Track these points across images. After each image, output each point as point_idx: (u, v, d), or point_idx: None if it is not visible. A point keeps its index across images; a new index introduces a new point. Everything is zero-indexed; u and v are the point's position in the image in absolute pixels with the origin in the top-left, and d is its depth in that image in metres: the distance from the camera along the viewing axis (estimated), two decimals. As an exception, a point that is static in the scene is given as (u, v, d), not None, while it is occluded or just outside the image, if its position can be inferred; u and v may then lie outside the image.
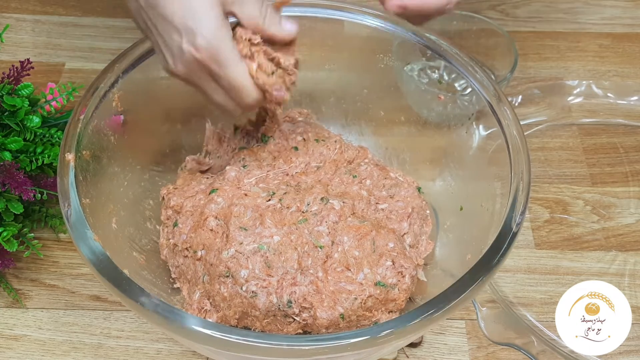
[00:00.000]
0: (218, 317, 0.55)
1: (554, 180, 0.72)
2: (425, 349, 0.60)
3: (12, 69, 0.65)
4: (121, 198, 0.58)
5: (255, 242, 0.54)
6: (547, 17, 0.88)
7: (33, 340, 0.60)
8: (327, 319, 0.53)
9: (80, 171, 0.51)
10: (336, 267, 0.54)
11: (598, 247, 0.67)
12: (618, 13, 0.88)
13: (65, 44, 0.83)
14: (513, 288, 0.64)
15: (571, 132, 0.76)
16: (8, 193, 0.59)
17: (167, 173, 0.64)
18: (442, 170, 0.62)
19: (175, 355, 0.59)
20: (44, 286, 0.63)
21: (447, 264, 0.59)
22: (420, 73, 0.72)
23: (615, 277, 0.65)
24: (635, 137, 0.76)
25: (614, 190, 0.71)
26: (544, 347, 0.57)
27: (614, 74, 0.82)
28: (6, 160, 0.60)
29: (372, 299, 0.54)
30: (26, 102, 0.63)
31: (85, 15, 0.86)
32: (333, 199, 0.58)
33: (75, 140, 0.52)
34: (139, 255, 0.56)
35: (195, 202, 0.58)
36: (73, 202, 0.49)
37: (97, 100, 0.55)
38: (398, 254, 0.56)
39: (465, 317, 0.62)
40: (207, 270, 0.55)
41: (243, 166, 0.60)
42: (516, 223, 0.49)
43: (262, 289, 0.53)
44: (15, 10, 0.86)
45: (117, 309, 0.62)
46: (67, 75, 0.79)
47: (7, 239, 0.58)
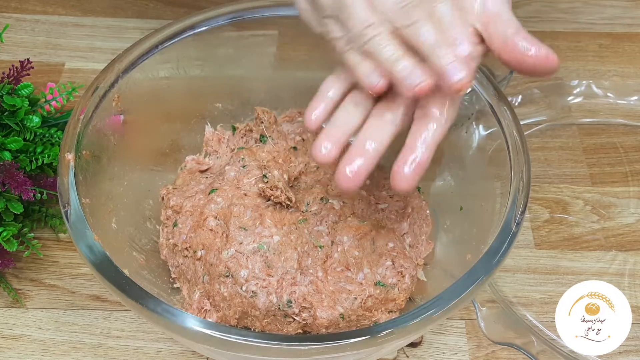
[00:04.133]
0: (218, 317, 0.55)
1: (554, 180, 0.72)
2: (425, 349, 0.60)
3: (12, 69, 0.65)
4: (121, 198, 0.58)
5: (255, 242, 0.54)
6: (547, 17, 0.88)
7: (33, 340, 0.60)
8: (327, 318, 0.53)
9: (80, 171, 0.51)
10: (336, 267, 0.55)
11: (598, 247, 0.67)
12: (618, 13, 0.88)
13: (65, 44, 0.83)
14: (513, 288, 0.64)
15: (571, 132, 0.76)
16: (8, 193, 0.59)
17: (167, 173, 0.64)
18: (442, 170, 0.62)
19: (175, 355, 0.59)
20: (44, 286, 0.63)
21: (447, 264, 0.59)
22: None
23: (615, 277, 0.65)
24: (635, 137, 0.76)
25: (613, 190, 0.71)
26: (544, 347, 0.57)
27: (614, 74, 0.82)
28: (6, 160, 0.60)
29: (372, 299, 0.54)
30: (26, 102, 0.63)
31: (85, 15, 0.86)
32: (333, 198, 0.58)
33: (75, 140, 0.52)
34: (139, 255, 0.56)
35: (195, 202, 0.58)
36: (73, 202, 0.49)
37: (97, 100, 0.55)
38: (398, 254, 0.56)
39: (465, 317, 0.62)
40: (207, 270, 0.55)
41: (242, 166, 0.60)
42: (516, 223, 0.49)
43: (262, 289, 0.53)
44: (15, 10, 0.86)
45: (117, 309, 0.62)
46: (67, 75, 0.79)
47: (7, 238, 0.58)
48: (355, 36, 0.45)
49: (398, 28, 0.44)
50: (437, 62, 0.43)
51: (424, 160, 0.46)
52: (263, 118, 0.64)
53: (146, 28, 0.84)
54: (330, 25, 0.47)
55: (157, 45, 0.58)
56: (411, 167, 0.45)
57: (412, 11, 0.44)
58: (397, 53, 0.44)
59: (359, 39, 0.45)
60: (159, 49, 0.58)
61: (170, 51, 0.59)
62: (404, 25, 0.44)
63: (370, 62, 0.45)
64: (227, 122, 0.66)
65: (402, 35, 0.44)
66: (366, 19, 0.45)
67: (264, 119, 0.64)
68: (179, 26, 0.59)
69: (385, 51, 0.44)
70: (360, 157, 0.46)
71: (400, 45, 0.45)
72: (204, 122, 0.65)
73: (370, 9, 0.45)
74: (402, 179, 0.45)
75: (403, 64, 0.44)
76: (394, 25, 0.44)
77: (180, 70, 0.62)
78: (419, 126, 0.46)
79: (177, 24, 0.59)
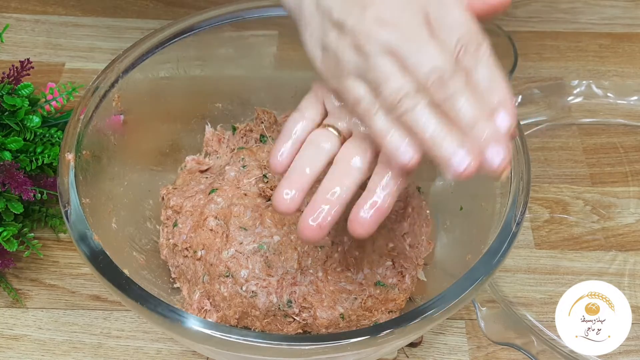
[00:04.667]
0: (218, 317, 0.55)
1: (554, 180, 0.72)
2: (425, 349, 0.60)
3: (12, 69, 0.65)
4: (121, 198, 0.58)
5: (255, 242, 0.54)
6: (547, 17, 0.88)
7: (33, 340, 0.60)
8: (327, 318, 0.53)
9: (80, 171, 0.51)
10: (336, 267, 0.55)
11: (598, 247, 0.67)
12: (618, 13, 0.88)
13: (65, 44, 0.83)
14: (513, 288, 0.64)
15: (571, 132, 0.76)
16: (8, 193, 0.59)
17: (167, 173, 0.64)
18: (442, 170, 0.62)
19: (175, 355, 0.59)
20: (44, 286, 0.63)
21: (447, 264, 0.59)
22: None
23: (615, 277, 0.65)
24: (635, 137, 0.76)
25: (613, 190, 0.71)
26: (544, 347, 0.57)
27: (614, 74, 0.82)
28: (6, 160, 0.60)
29: (372, 299, 0.54)
30: (26, 102, 0.63)
31: (85, 15, 0.86)
32: (333, 198, 0.58)
33: (75, 140, 0.52)
34: (139, 255, 0.56)
35: (195, 202, 0.58)
36: (73, 202, 0.49)
37: (97, 100, 0.55)
38: (398, 254, 0.56)
39: (465, 317, 0.62)
40: (207, 270, 0.55)
41: (242, 166, 0.60)
42: (516, 223, 0.49)
43: (262, 289, 0.53)
44: (15, 10, 0.86)
45: (117, 308, 0.62)
46: (67, 75, 0.79)
47: (7, 238, 0.58)
48: (389, 104, 0.40)
49: (436, 99, 0.40)
50: (478, 140, 0.40)
51: (385, 207, 0.43)
52: (263, 118, 0.64)
53: (146, 28, 0.84)
54: (352, 83, 0.42)
55: (157, 45, 0.58)
56: (370, 212, 0.43)
57: (449, 80, 0.40)
58: (442, 130, 0.40)
59: (393, 108, 0.40)
60: (159, 49, 0.58)
61: (170, 51, 0.59)
62: (441, 97, 0.40)
63: (402, 133, 0.41)
64: (227, 122, 0.66)
65: (439, 106, 0.40)
66: (402, 87, 0.40)
67: (264, 119, 0.64)
68: (179, 26, 0.59)
69: (428, 126, 0.40)
70: (324, 205, 0.43)
71: (442, 119, 0.40)
72: (204, 122, 0.65)
73: (403, 73, 0.40)
74: (360, 224, 0.43)
75: (448, 141, 0.40)
76: (432, 95, 0.40)
77: (180, 70, 0.62)
78: (382, 170, 0.43)
79: (177, 24, 0.59)
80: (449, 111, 0.40)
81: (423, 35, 0.40)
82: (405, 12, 0.40)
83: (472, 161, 0.40)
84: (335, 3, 0.41)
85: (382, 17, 0.40)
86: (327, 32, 0.42)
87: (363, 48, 0.40)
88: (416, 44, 0.40)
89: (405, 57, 0.40)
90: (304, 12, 0.43)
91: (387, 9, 0.40)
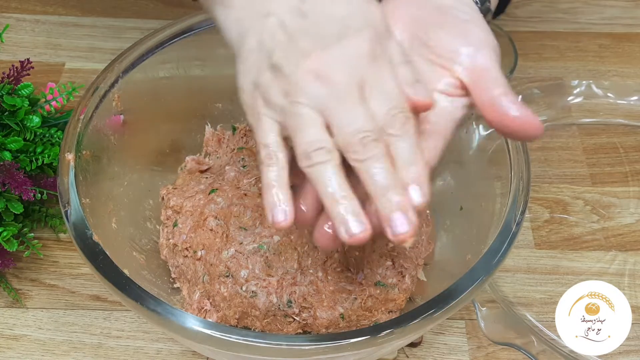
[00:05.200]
0: (218, 317, 0.55)
1: (554, 180, 0.72)
2: (425, 349, 0.60)
3: (12, 69, 0.65)
4: (121, 198, 0.58)
5: (255, 242, 0.54)
6: (547, 17, 0.88)
7: (33, 340, 0.60)
8: (327, 318, 0.53)
9: (80, 171, 0.51)
10: (336, 267, 0.55)
11: (598, 247, 0.67)
12: (618, 13, 0.88)
13: (65, 44, 0.83)
14: (513, 288, 0.64)
15: (571, 132, 0.76)
16: (8, 193, 0.59)
17: (167, 173, 0.64)
18: (442, 170, 0.62)
19: (175, 355, 0.59)
20: (44, 286, 0.63)
21: (447, 264, 0.59)
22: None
23: (615, 277, 0.65)
24: (635, 137, 0.76)
25: (613, 190, 0.71)
26: (544, 347, 0.57)
27: (614, 74, 0.82)
28: (6, 160, 0.60)
29: (372, 299, 0.54)
30: (26, 102, 0.63)
31: (85, 15, 0.86)
32: (333, 199, 0.58)
33: (75, 140, 0.52)
34: (139, 255, 0.56)
35: (195, 202, 0.58)
36: (73, 202, 0.49)
37: (97, 100, 0.55)
38: (398, 254, 0.56)
39: (465, 317, 0.62)
40: (207, 270, 0.55)
41: (242, 166, 0.60)
42: (516, 223, 0.49)
43: (262, 289, 0.53)
44: (15, 10, 0.86)
45: (117, 309, 0.62)
46: (67, 75, 0.79)
47: (7, 238, 0.58)
48: (301, 152, 0.40)
49: (352, 159, 0.40)
50: (382, 210, 0.39)
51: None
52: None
53: (146, 28, 0.84)
54: (267, 127, 0.42)
55: (157, 45, 0.58)
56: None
57: (369, 144, 0.39)
58: (342, 190, 0.40)
59: (305, 157, 0.40)
60: (158, 49, 0.58)
61: (170, 51, 0.59)
62: (357, 159, 0.39)
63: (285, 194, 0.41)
64: (227, 122, 0.66)
65: (352, 166, 0.40)
66: (319, 140, 0.40)
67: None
68: (179, 26, 0.59)
69: (329, 184, 0.40)
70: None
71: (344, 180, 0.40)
72: (204, 122, 0.65)
73: (324, 129, 0.40)
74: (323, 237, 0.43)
75: (344, 205, 0.39)
76: (349, 156, 0.40)
77: (180, 70, 0.62)
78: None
79: (177, 24, 0.59)
80: (362, 174, 0.40)
81: (353, 98, 0.40)
82: (343, 71, 0.40)
83: (362, 233, 0.39)
84: (278, 46, 0.41)
85: (319, 71, 0.40)
86: (262, 71, 0.41)
87: (292, 95, 0.40)
88: (344, 104, 0.40)
89: (331, 114, 0.40)
90: (244, 46, 0.42)
91: (326, 65, 0.40)
